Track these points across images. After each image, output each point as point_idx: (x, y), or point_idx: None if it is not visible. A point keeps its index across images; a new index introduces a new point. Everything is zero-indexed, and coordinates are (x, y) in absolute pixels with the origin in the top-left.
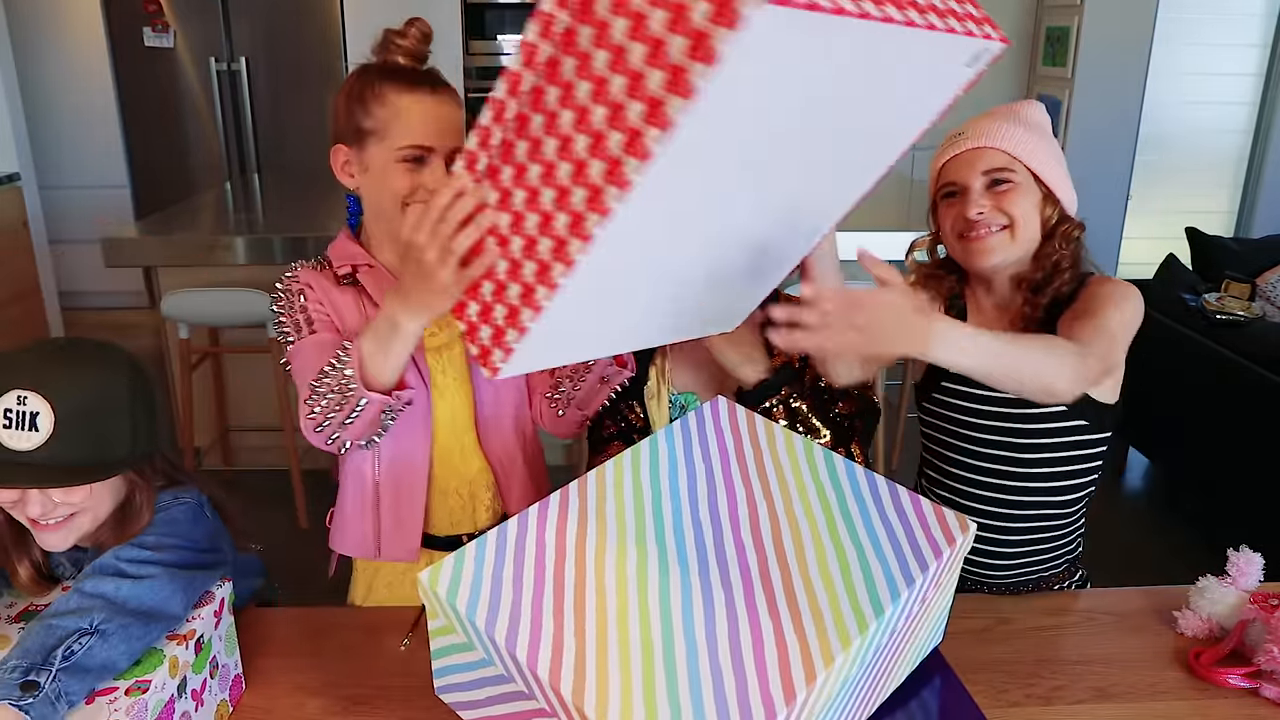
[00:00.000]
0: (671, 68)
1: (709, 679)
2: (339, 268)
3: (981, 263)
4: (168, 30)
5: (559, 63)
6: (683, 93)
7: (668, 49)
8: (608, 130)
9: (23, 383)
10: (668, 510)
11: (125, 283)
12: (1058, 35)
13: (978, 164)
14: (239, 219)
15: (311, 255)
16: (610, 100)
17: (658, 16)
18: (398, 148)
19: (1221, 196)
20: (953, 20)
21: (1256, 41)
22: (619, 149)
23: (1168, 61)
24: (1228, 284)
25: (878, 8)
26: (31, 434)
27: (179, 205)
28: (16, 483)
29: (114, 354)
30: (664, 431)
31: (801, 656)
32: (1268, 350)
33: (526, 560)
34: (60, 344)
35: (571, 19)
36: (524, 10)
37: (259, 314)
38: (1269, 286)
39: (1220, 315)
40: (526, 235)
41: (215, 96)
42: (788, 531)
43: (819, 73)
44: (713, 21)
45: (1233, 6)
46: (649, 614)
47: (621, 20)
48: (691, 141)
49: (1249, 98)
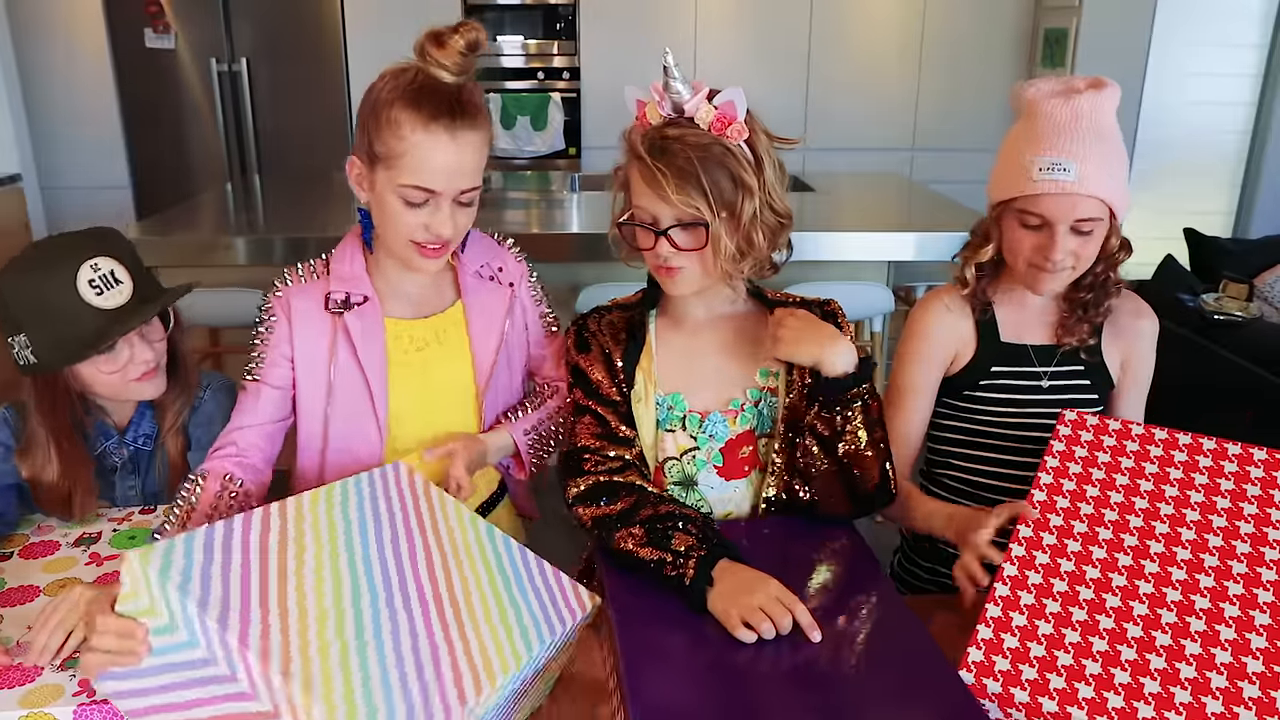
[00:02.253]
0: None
1: (398, 680)
2: (334, 290)
3: (1041, 291)
4: (169, 31)
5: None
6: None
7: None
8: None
9: (86, 254)
10: (358, 543)
11: None
12: (1056, 36)
13: (1073, 211)
14: (239, 219)
15: (312, 255)
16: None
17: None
18: (399, 183)
19: (1220, 197)
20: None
21: (1255, 42)
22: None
23: (1166, 62)
24: (1226, 284)
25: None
26: (121, 287)
27: (179, 205)
28: (130, 326)
29: (109, 227)
30: (354, 480)
31: (470, 672)
32: (1266, 351)
33: (233, 560)
34: (64, 233)
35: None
36: (524, 10)
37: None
38: (1267, 287)
39: (1218, 316)
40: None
41: (216, 97)
42: (456, 578)
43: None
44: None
45: (1231, 7)
46: (344, 620)
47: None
48: None
49: (1247, 98)
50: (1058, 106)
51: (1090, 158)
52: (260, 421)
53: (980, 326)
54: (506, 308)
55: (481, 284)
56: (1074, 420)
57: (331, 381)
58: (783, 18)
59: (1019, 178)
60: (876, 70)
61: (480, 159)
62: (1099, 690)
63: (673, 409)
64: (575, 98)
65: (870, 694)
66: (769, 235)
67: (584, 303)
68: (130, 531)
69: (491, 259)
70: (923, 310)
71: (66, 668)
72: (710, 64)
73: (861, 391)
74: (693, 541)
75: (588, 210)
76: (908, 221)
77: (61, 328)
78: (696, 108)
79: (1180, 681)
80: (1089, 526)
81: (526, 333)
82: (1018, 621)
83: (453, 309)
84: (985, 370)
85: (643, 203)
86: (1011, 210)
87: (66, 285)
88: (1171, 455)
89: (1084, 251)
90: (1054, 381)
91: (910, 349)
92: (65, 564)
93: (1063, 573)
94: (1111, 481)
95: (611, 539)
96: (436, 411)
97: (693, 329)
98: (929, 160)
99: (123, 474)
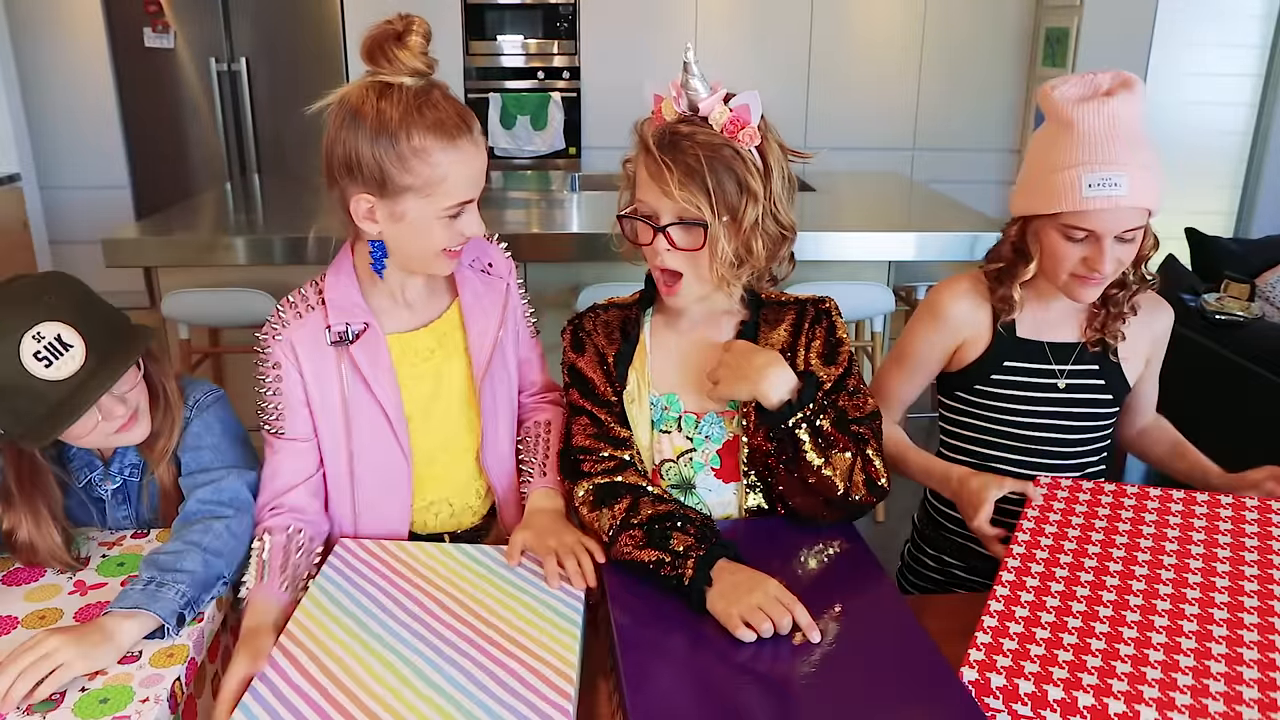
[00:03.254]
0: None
1: (492, 708)
2: (334, 323)
3: (1084, 300)
4: (168, 30)
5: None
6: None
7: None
8: None
9: (30, 321)
10: (374, 624)
11: (125, 283)
12: (1057, 36)
13: (1120, 224)
14: (239, 219)
15: (312, 255)
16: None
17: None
18: (444, 206)
19: (1221, 197)
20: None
21: (1256, 42)
22: None
23: (1167, 62)
24: (1227, 284)
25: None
26: (72, 353)
27: (179, 205)
28: (92, 399)
29: (45, 273)
30: (321, 579)
31: (549, 669)
32: (1267, 350)
33: (294, 702)
34: (18, 282)
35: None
36: (524, 10)
37: (259, 314)
38: (1268, 287)
39: (1220, 315)
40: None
41: (215, 97)
42: (472, 603)
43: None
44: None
45: (1232, 7)
46: (414, 685)
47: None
48: None
49: (1249, 98)
50: (1091, 114)
51: (1135, 166)
52: (301, 480)
53: (998, 317)
54: (503, 302)
55: (475, 276)
56: (1049, 482)
57: (349, 418)
58: (783, 18)
59: (1066, 193)
60: (877, 70)
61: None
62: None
63: (668, 409)
64: (575, 97)
65: (870, 694)
66: (769, 245)
67: (584, 303)
68: (120, 558)
69: (481, 254)
70: (944, 288)
71: (34, 711)
72: (710, 64)
73: (808, 414)
74: (691, 541)
75: (588, 210)
76: (908, 221)
77: (20, 405)
78: (711, 107)
79: (1181, 669)
80: (1065, 585)
81: (517, 329)
82: (1015, 629)
83: (450, 310)
84: (997, 364)
85: (645, 197)
86: (1054, 224)
87: (10, 362)
88: (1144, 508)
89: (1127, 257)
90: (1071, 381)
91: (921, 321)
92: (48, 593)
93: (1049, 607)
94: (1087, 538)
95: (613, 545)
96: (441, 412)
97: (688, 329)
98: (929, 160)
99: (113, 504)
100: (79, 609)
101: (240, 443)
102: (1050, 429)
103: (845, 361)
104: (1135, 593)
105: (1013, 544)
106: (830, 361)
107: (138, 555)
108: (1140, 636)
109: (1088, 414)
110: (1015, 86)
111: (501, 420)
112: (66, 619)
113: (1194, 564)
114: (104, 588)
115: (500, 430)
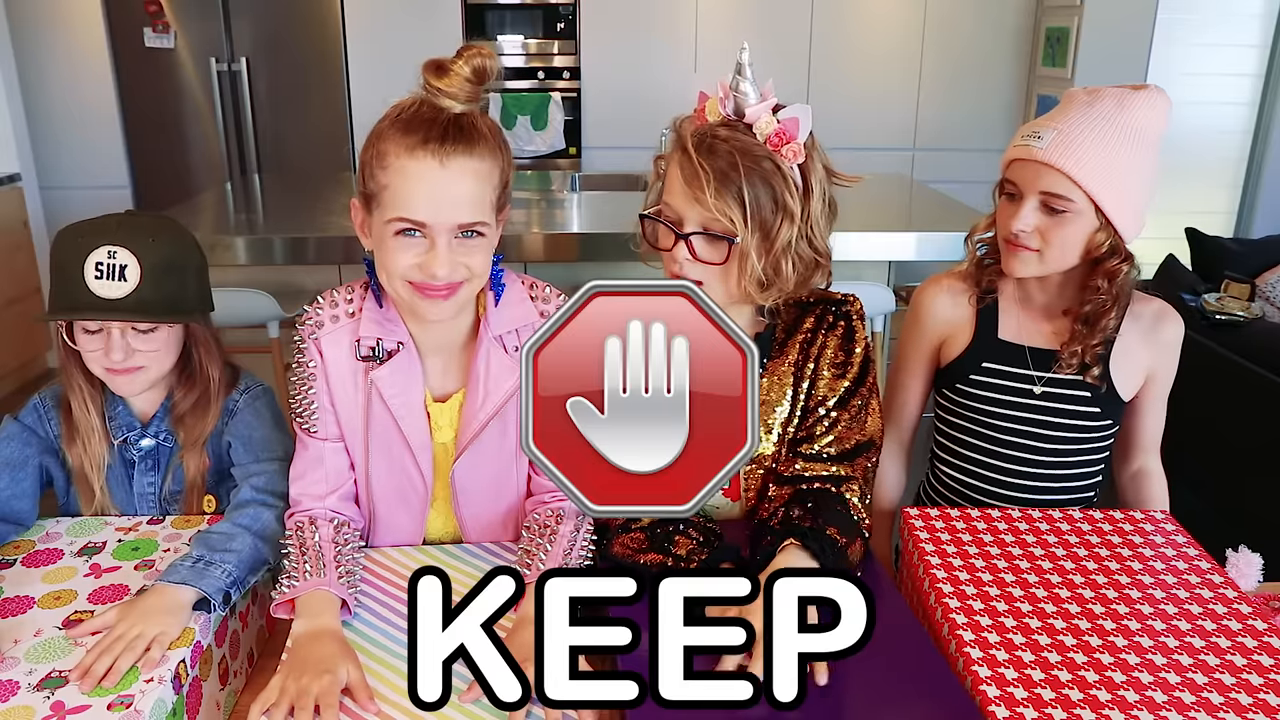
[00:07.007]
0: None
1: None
2: (364, 335)
3: (1009, 271)
4: (168, 30)
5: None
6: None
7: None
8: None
9: (111, 240)
10: (382, 649)
11: None
12: (1057, 36)
13: (1039, 180)
14: (239, 219)
15: (312, 255)
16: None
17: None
18: (386, 219)
19: (1221, 197)
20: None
21: (1256, 42)
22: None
23: (1167, 62)
24: (1227, 284)
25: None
26: (120, 283)
27: (179, 205)
28: (101, 316)
29: (178, 224)
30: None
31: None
32: (1267, 350)
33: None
34: (137, 212)
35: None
36: (524, 10)
37: (260, 314)
38: (1269, 287)
39: (1220, 315)
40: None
41: (216, 97)
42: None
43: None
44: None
45: (1233, 7)
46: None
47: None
48: None
49: (1249, 98)
50: (1081, 94)
51: (1071, 130)
52: (335, 487)
53: (980, 316)
54: (515, 390)
55: (499, 356)
56: (916, 514)
57: (368, 445)
58: (783, 18)
59: (1008, 153)
60: (877, 69)
61: (481, 191)
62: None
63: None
64: (575, 97)
65: (869, 694)
66: (801, 270)
67: None
68: (134, 543)
69: (524, 327)
70: (922, 289)
71: (44, 688)
72: (710, 64)
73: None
74: (694, 545)
75: (588, 210)
76: (909, 221)
77: (60, 285)
78: (758, 115)
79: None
80: (1014, 614)
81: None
82: (1003, 657)
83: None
84: (976, 363)
85: (673, 199)
86: (1001, 188)
87: (78, 254)
88: (1016, 529)
89: (1052, 234)
90: (1048, 389)
91: (906, 326)
92: (64, 574)
93: (1019, 644)
94: (994, 565)
95: (611, 547)
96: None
97: None
98: (930, 159)
99: (141, 469)
100: (92, 591)
101: (288, 437)
102: (1027, 435)
103: (856, 373)
104: (1074, 612)
105: (937, 585)
106: (841, 374)
107: (153, 540)
108: (1102, 647)
109: (1068, 424)
110: (1015, 86)
111: (484, 500)
112: (80, 601)
113: (1099, 578)
114: (118, 571)
115: (482, 508)
